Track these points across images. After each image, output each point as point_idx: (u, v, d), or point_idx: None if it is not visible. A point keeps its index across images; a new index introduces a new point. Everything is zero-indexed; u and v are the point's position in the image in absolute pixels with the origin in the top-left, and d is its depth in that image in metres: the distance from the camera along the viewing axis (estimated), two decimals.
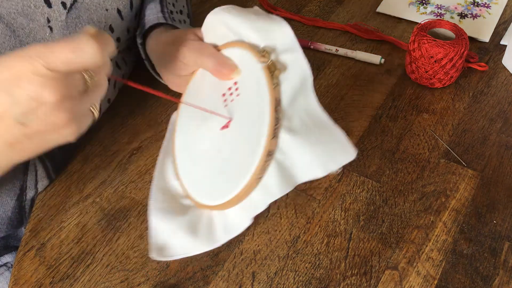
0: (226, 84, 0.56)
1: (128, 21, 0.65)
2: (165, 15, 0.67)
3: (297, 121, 0.53)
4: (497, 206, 0.60)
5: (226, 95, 0.56)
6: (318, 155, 0.53)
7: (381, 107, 0.72)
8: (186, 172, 0.59)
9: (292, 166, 0.53)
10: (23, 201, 0.62)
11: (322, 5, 0.90)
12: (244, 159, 0.51)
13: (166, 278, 0.55)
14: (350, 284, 0.54)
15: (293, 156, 0.52)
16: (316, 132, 0.54)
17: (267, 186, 0.52)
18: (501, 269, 0.55)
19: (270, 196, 0.53)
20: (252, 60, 0.53)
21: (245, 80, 0.55)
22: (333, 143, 0.54)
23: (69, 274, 0.56)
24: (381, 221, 0.59)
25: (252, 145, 0.51)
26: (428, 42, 0.70)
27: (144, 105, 0.73)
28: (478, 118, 0.70)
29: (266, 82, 0.51)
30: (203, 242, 0.55)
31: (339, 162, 0.53)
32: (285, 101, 0.53)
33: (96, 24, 0.60)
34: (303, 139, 0.53)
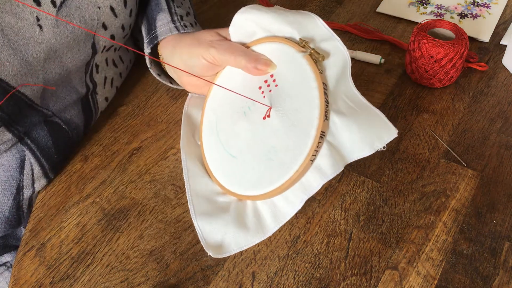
0: (261, 78, 0.59)
1: (122, 18, 0.64)
2: (176, 24, 0.67)
3: (341, 103, 0.56)
4: (497, 206, 0.60)
5: (262, 87, 0.59)
6: (365, 134, 0.55)
7: (381, 107, 0.72)
8: (222, 169, 0.60)
9: (342, 147, 0.55)
10: (20, 201, 0.62)
11: (322, 5, 0.90)
12: (297, 143, 0.54)
13: (166, 278, 0.55)
14: (350, 284, 0.54)
15: (343, 136, 0.55)
16: (359, 113, 0.56)
17: (320, 167, 0.54)
18: (501, 269, 0.55)
19: (324, 176, 0.54)
20: (291, 51, 0.57)
21: (284, 71, 0.58)
22: (376, 122, 0.56)
23: (69, 274, 0.56)
24: (381, 221, 0.59)
25: (304, 128, 0.54)
26: (428, 42, 0.70)
27: (144, 105, 0.74)
28: (478, 118, 0.70)
29: (312, 69, 0.55)
30: (255, 234, 0.55)
31: (384, 140, 0.55)
32: (330, 86, 0.56)
33: (88, 22, 0.60)
34: (350, 120, 0.55)
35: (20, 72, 0.54)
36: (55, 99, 0.62)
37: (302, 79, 0.56)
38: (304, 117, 0.54)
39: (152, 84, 0.76)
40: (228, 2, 0.92)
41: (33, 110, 0.59)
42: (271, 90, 0.58)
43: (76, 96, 0.64)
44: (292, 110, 0.55)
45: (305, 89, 0.55)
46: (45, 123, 0.62)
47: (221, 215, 0.57)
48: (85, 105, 0.66)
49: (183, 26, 0.67)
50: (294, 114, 0.55)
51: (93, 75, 0.66)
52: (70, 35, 0.58)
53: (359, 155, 0.55)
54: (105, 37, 0.58)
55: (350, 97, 0.58)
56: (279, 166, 0.55)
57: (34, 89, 0.57)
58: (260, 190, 0.56)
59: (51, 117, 0.62)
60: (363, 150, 0.55)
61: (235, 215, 0.57)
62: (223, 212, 0.57)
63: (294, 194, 0.55)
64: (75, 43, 0.59)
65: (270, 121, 0.57)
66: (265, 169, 0.56)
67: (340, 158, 0.55)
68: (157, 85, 0.76)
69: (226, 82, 0.63)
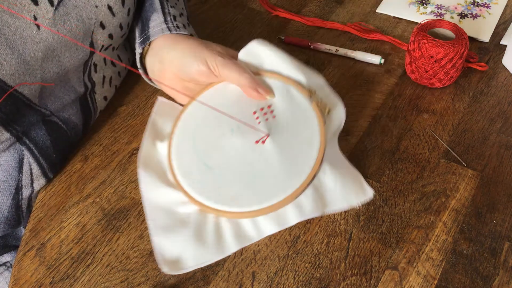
0: (257, 104, 0.61)
1: (120, 17, 0.64)
2: (168, 24, 0.67)
3: (333, 156, 0.59)
4: (497, 206, 0.60)
5: (258, 113, 0.60)
6: (346, 189, 0.57)
7: (381, 107, 0.72)
8: (192, 177, 0.58)
9: (325, 194, 0.56)
10: (19, 200, 0.62)
11: (322, 5, 0.90)
12: (288, 176, 0.55)
13: (166, 278, 0.55)
14: (350, 284, 0.54)
15: (328, 185, 0.57)
16: (344, 169, 0.58)
17: (301, 205, 0.55)
18: (501, 269, 0.55)
19: (303, 215, 0.55)
20: (297, 93, 0.61)
21: (285, 106, 0.60)
22: (356, 182, 0.58)
23: (69, 274, 0.56)
24: (381, 221, 0.59)
25: (299, 166, 0.55)
26: (428, 42, 0.70)
27: (144, 105, 0.74)
28: (478, 118, 0.70)
29: (317, 116, 0.59)
30: (213, 251, 0.54)
31: (360, 199, 0.57)
32: (329, 137, 0.60)
33: (86, 21, 0.60)
34: (337, 172, 0.57)
35: (18, 72, 0.54)
36: (53, 99, 0.62)
37: (305, 121, 0.59)
38: (301, 155, 0.56)
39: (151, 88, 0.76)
40: (228, 2, 0.92)
41: (31, 110, 0.59)
42: (267, 119, 0.60)
43: (74, 96, 0.64)
44: (290, 145, 0.57)
45: (307, 130, 0.58)
46: (43, 122, 0.62)
47: (180, 230, 0.56)
48: (83, 104, 0.66)
49: (175, 27, 0.66)
50: (291, 149, 0.57)
51: (91, 74, 0.66)
52: (68, 34, 0.58)
53: (338, 207, 0.56)
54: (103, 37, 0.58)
55: (335, 152, 0.61)
56: (262, 192, 0.55)
57: (32, 88, 0.57)
58: (232, 208, 0.55)
59: (49, 116, 0.62)
60: (341, 203, 0.56)
61: (195, 229, 0.55)
62: (182, 225, 0.56)
63: (266, 222, 0.55)
64: (73, 43, 0.59)
65: (263, 147, 0.57)
66: (244, 190, 0.55)
67: (322, 203, 0.56)
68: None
69: (218, 96, 0.63)
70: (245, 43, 0.83)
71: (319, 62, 0.79)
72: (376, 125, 0.70)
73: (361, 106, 0.72)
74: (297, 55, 0.80)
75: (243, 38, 0.84)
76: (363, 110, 0.72)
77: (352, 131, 0.69)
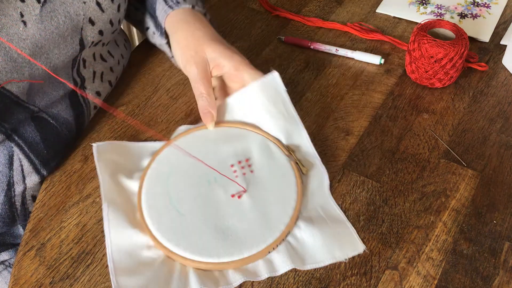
0: (236, 157, 0.62)
1: (110, 13, 0.64)
2: (168, 3, 0.68)
3: (313, 213, 0.59)
4: (497, 206, 0.60)
5: (235, 167, 0.61)
6: (327, 243, 0.56)
7: (381, 107, 0.72)
8: (161, 222, 0.57)
9: (302, 250, 0.56)
10: (12, 197, 0.62)
11: (322, 5, 0.90)
12: (261, 232, 0.56)
13: None
14: (350, 284, 0.54)
15: (305, 241, 0.56)
16: (328, 224, 0.58)
17: (272, 261, 0.55)
18: (501, 269, 0.55)
19: (272, 271, 0.54)
20: (277, 151, 0.62)
21: (263, 162, 0.61)
22: (344, 236, 0.57)
23: (69, 274, 0.56)
24: (381, 221, 0.59)
25: (273, 223, 0.56)
26: (428, 42, 0.70)
27: (144, 105, 0.73)
28: (478, 118, 0.70)
29: (295, 176, 0.60)
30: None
31: (346, 253, 0.56)
32: (305, 194, 0.60)
33: (74, 17, 0.59)
34: (315, 228, 0.57)
35: (5, 69, 0.54)
36: (42, 95, 0.61)
37: (282, 178, 0.60)
38: (276, 212, 0.57)
39: (152, 84, 0.76)
40: (228, 2, 0.92)
41: (19, 107, 0.58)
42: (245, 173, 0.61)
43: (63, 92, 0.64)
44: (266, 201, 0.58)
45: (284, 187, 0.59)
46: (32, 119, 0.61)
47: (143, 272, 0.53)
48: (73, 100, 0.66)
49: (176, 3, 0.68)
50: (266, 205, 0.58)
51: (80, 69, 0.66)
52: (56, 31, 0.58)
53: (318, 261, 0.55)
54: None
55: (326, 210, 0.59)
56: (233, 245, 0.55)
57: (20, 85, 0.56)
58: (201, 258, 0.54)
59: (38, 112, 0.62)
60: (323, 257, 0.55)
61: (159, 274, 0.53)
62: (145, 268, 0.54)
63: (235, 273, 0.54)
64: (61, 39, 0.59)
65: (238, 202, 0.58)
66: (215, 241, 0.55)
67: (299, 260, 0.55)
68: (157, 85, 0.76)
69: (197, 143, 0.64)
70: (245, 43, 0.83)
71: (319, 62, 0.79)
72: (376, 125, 0.70)
73: (361, 106, 0.72)
74: (297, 55, 0.81)
75: (243, 38, 0.84)
76: (363, 110, 0.72)
77: (352, 131, 0.69)
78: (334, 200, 0.60)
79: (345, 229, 0.57)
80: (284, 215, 0.57)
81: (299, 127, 0.65)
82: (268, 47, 0.82)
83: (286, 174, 0.60)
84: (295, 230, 0.57)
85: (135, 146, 0.66)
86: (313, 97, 0.74)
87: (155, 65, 0.77)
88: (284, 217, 0.57)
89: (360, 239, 0.57)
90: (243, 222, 0.56)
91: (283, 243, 0.56)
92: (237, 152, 0.63)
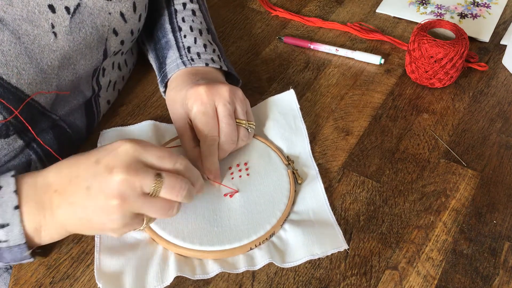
0: (235, 160, 0.64)
1: (132, 23, 0.64)
2: (183, 58, 0.67)
3: (304, 216, 0.59)
4: (497, 206, 0.60)
5: (233, 169, 0.63)
6: (307, 242, 0.56)
7: (381, 107, 0.72)
8: None
9: (285, 249, 0.57)
10: None
11: (322, 5, 0.90)
12: (247, 229, 0.57)
13: None
14: (350, 284, 0.54)
15: (288, 240, 0.57)
16: (314, 225, 0.58)
17: (253, 256, 0.56)
18: (501, 269, 0.55)
19: (252, 265, 0.55)
20: (277, 159, 0.64)
21: (261, 168, 0.63)
22: (327, 235, 0.57)
23: (69, 274, 0.56)
24: (381, 221, 0.59)
25: (260, 222, 0.57)
26: (428, 42, 0.70)
27: (144, 105, 0.73)
28: (478, 118, 0.70)
29: (289, 183, 0.61)
30: (153, 281, 0.53)
31: (325, 250, 0.56)
32: (296, 203, 0.61)
33: (100, 28, 0.60)
34: (299, 228, 0.57)
35: (35, 81, 0.54)
36: (64, 104, 0.61)
37: (277, 183, 0.61)
38: (265, 213, 0.58)
39: (152, 84, 0.76)
40: (228, 2, 0.92)
41: (43, 116, 0.59)
42: (241, 176, 0.62)
43: (82, 100, 0.64)
44: (256, 203, 0.59)
45: (276, 192, 0.60)
46: (51, 127, 0.61)
47: (126, 253, 0.55)
48: (88, 108, 0.66)
49: (190, 60, 0.66)
50: (256, 206, 0.59)
51: (99, 78, 0.66)
52: (83, 42, 0.58)
53: (299, 259, 0.55)
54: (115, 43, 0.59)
55: (317, 213, 0.60)
56: (217, 236, 0.56)
57: (47, 96, 0.57)
58: (183, 244, 0.55)
59: (57, 121, 0.62)
60: (302, 254, 0.55)
61: (141, 256, 0.55)
62: (128, 249, 0.56)
63: (214, 263, 0.55)
64: (88, 50, 0.60)
65: (230, 201, 0.60)
66: (200, 230, 0.57)
67: (278, 257, 0.55)
68: (157, 85, 0.76)
69: None
70: (245, 43, 0.83)
71: (319, 62, 0.79)
72: (376, 125, 0.70)
73: (361, 106, 0.72)
74: (297, 55, 0.81)
75: (243, 38, 0.84)
76: (363, 110, 0.72)
77: (352, 131, 0.69)
78: (330, 207, 0.60)
79: (331, 230, 0.58)
80: (272, 217, 0.58)
81: (304, 140, 0.66)
82: (268, 47, 0.82)
83: (281, 180, 0.61)
84: (281, 231, 0.58)
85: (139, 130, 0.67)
86: (313, 97, 0.74)
87: None
88: (271, 218, 0.58)
89: (345, 239, 0.57)
90: (230, 218, 0.58)
91: (266, 242, 0.57)
92: (238, 156, 0.64)
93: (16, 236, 0.49)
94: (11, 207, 0.49)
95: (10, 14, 0.52)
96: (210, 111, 0.59)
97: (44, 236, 0.51)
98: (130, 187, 0.47)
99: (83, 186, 0.48)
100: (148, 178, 0.47)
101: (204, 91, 0.59)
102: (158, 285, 0.53)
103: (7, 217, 0.49)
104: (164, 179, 0.48)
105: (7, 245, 0.49)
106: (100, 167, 0.47)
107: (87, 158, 0.49)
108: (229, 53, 0.81)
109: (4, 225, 0.49)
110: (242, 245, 0.56)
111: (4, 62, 0.51)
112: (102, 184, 0.47)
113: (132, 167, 0.47)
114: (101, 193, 0.47)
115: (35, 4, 0.54)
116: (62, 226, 0.51)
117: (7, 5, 0.52)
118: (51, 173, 0.51)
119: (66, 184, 0.49)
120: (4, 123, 0.53)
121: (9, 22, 0.52)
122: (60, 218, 0.50)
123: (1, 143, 0.55)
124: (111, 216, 0.47)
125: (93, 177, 0.48)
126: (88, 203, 0.48)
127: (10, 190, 0.50)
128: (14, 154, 0.57)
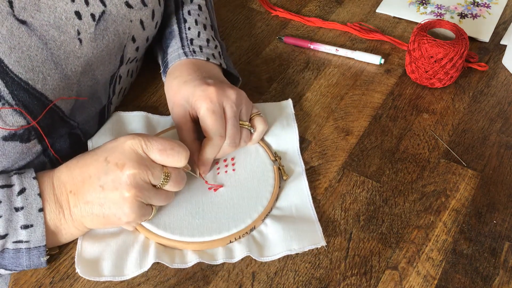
0: (222, 155, 0.63)
1: (149, 30, 0.65)
2: (185, 49, 0.67)
3: (286, 212, 0.60)
4: (497, 206, 0.60)
5: (219, 163, 0.64)
6: (286, 238, 0.57)
7: (381, 107, 0.72)
8: None
9: (264, 243, 0.57)
10: None
11: (322, 5, 0.90)
12: (227, 222, 0.58)
13: (166, 278, 0.55)
14: (350, 284, 0.54)
15: (268, 235, 0.58)
16: (296, 221, 0.59)
17: (231, 249, 0.57)
18: (501, 269, 0.55)
19: (230, 258, 0.56)
20: (264, 154, 0.64)
21: (247, 163, 0.63)
22: (306, 232, 0.58)
23: (69, 274, 0.56)
24: (381, 221, 0.59)
25: (241, 215, 0.58)
26: (428, 42, 0.70)
27: (144, 105, 0.74)
28: (478, 118, 0.70)
29: (274, 179, 0.62)
30: (131, 268, 0.54)
31: (303, 246, 0.56)
32: (279, 199, 0.61)
33: (121, 36, 0.60)
34: (280, 224, 0.58)
35: (59, 86, 0.55)
36: (82, 110, 0.61)
37: (261, 179, 0.62)
38: (247, 208, 0.59)
39: (152, 84, 0.76)
40: (228, 2, 0.92)
41: (63, 122, 0.59)
42: (227, 171, 0.63)
43: (99, 107, 0.65)
44: (240, 197, 0.60)
45: (260, 187, 0.61)
46: (68, 135, 0.61)
47: (106, 240, 0.56)
48: (101, 117, 0.66)
49: (192, 52, 0.67)
50: (239, 201, 0.60)
51: (115, 85, 0.66)
52: (105, 49, 0.59)
53: (277, 253, 0.56)
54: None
55: (299, 210, 0.60)
56: (197, 227, 0.57)
57: (68, 102, 0.57)
58: (164, 234, 0.56)
59: (75, 129, 0.62)
60: (280, 249, 0.56)
61: (122, 244, 0.56)
62: (110, 237, 0.57)
63: (192, 254, 0.56)
64: (107, 57, 0.60)
65: (214, 194, 0.60)
66: (181, 221, 0.57)
67: (257, 251, 0.56)
68: (157, 85, 0.76)
69: None
70: (245, 43, 0.83)
71: (319, 62, 0.79)
72: (376, 125, 0.70)
73: (361, 106, 0.72)
74: (297, 55, 0.81)
75: (243, 38, 0.84)
76: (363, 110, 0.72)
77: (352, 131, 0.69)
78: (313, 206, 0.60)
79: (311, 227, 0.58)
80: (254, 211, 0.58)
81: (293, 137, 0.67)
82: (268, 47, 0.82)
83: (266, 176, 0.62)
84: (262, 226, 0.58)
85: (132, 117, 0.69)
86: (313, 97, 0.74)
87: (156, 65, 0.77)
88: (253, 212, 0.58)
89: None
90: (212, 211, 0.59)
91: (246, 236, 0.57)
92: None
93: (38, 237, 0.52)
94: (35, 209, 0.52)
95: (38, 19, 0.52)
96: (219, 110, 0.59)
97: (65, 234, 0.55)
98: (142, 179, 0.51)
99: (96, 185, 0.51)
100: (156, 172, 0.52)
101: (214, 90, 0.60)
102: (136, 270, 0.54)
103: (31, 218, 0.51)
104: (171, 174, 0.53)
105: (27, 246, 0.52)
106: (111, 165, 0.51)
107: (96, 158, 0.52)
108: (229, 53, 0.81)
109: (28, 225, 0.51)
110: (221, 237, 0.56)
111: (31, 68, 0.52)
112: (115, 181, 0.51)
113: (140, 162, 0.51)
114: (115, 189, 0.51)
115: (62, 11, 0.54)
116: (80, 223, 0.54)
117: (35, 10, 0.52)
118: (63, 174, 0.54)
119: (79, 185, 0.52)
120: (26, 128, 0.53)
121: (37, 28, 0.52)
122: (78, 216, 0.53)
123: (21, 147, 0.55)
124: (126, 209, 0.51)
125: (105, 175, 0.51)
126: (103, 200, 0.51)
127: (34, 192, 0.52)
128: (31, 158, 0.58)
